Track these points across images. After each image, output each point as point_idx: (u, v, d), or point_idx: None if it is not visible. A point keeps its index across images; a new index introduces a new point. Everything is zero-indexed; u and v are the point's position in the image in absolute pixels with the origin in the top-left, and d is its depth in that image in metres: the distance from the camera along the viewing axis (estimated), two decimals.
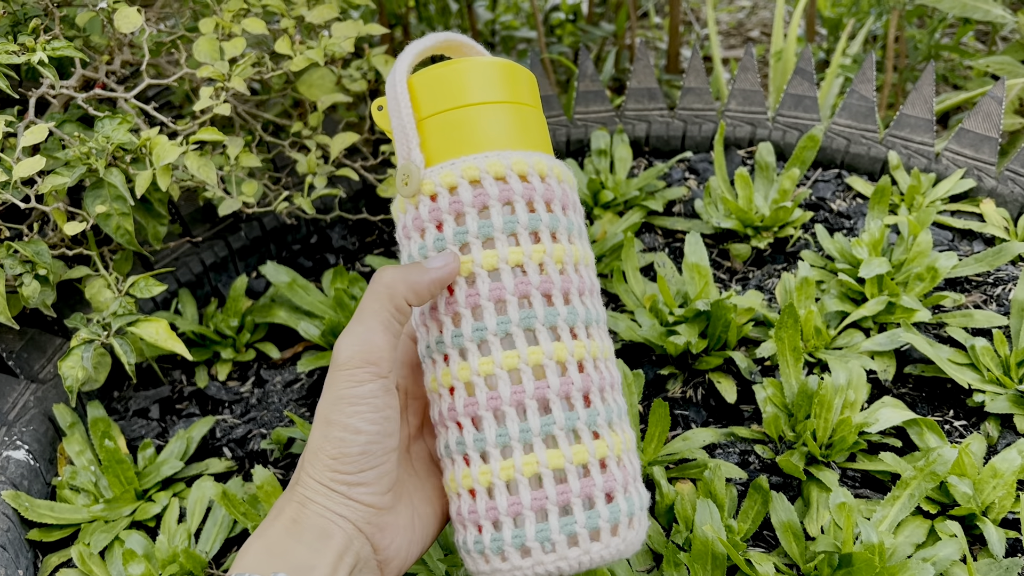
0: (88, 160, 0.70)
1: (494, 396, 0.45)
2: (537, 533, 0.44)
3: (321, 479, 0.44)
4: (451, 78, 0.48)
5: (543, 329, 0.46)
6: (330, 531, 0.44)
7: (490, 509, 0.45)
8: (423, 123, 0.49)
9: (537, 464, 0.45)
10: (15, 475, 0.68)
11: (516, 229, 0.47)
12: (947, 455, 0.62)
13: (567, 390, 0.46)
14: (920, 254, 0.79)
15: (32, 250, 0.70)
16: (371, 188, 0.98)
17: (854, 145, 0.96)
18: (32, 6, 0.77)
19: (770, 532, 0.64)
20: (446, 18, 1.62)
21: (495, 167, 0.47)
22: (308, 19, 0.82)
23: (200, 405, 0.80)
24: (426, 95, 0.48)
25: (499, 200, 0.47)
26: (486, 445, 0.45)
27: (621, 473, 0.46)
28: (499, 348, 0.46)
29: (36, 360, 0.78)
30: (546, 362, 0.46)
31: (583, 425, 0.46)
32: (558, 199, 0.49)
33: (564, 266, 0.48)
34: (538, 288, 0.46)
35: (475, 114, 0.48)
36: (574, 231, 0.49)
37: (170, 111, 1.04)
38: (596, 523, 0.45)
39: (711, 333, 0.74)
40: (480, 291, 0.46)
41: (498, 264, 0.46)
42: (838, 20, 1.58)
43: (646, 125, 1.02)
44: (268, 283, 0.90)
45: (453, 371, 0.46)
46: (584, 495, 0.45)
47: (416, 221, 0.48)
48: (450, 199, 0.47)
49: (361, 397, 0.44)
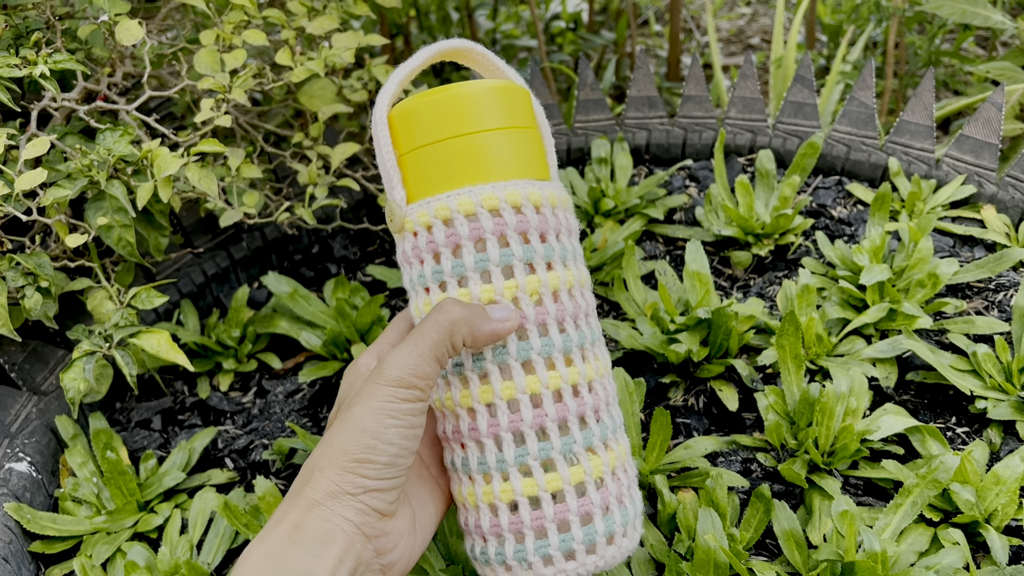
0: (90, 172, 0.70)
1: (495, 423, 0.48)
2: (537, 549, 0.48)
3: (336, 479, 0.44)
4: (426, 111, 0.48)
5: (540, 359, 0.48)
6: (332, 535, 0.44)
7: (514, 522, 0.48)
8: (403, 158, 0.49)
9: (536, 487, 0.48)
10: (17, 487, 0.68)
11: (488, 267, 0.48)
12: (949, 462, 0.61)
13: (564, 415, 0.48)
14: (921, 261, 0.79)
15: (34, 262, 0.70)
16: (372, 198, 0.98)
17: (854, 152, 0.96)
18: (34, 19, 0.77)
19: (772, 541, 0.64)
20: (447, 27, 1.63)
21: (465, 206, 0.47)
22: (309, 30, 0.82)
23: (202, 416, 0.80)
24: (405, 129, 0.49)
25: (470, 239, 0.48)
26: (490, 467, 0.49)
27: (616, 486, 0.49)
28: (521, 374, 0.48)
29: (38, 372, 0.79)
30: (543, 391, 0.48)
31: (580, 448, 0.49)
32: (535, 228, 0.48)
33: (542, 297, 0.49)
34: (533, 321, 0.49)
35: (451, 148, 0.48)
36: (555, 256, 0.49)
37: (171, 123, 1.04)
38: (593, 538, 0.48)
39: (712, 341, 0.74)
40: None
41: (495, 297, 0.48)
42: (838, 27, 1.58)
43: (646, 133, 1.02)
44: (270, 293, 0.91)
45: (495, 388, 0.49)
46: (582, 512, 0.48)
47: (415, 250, 0.50)
48: (427, 238, 0.48)
49: (401, 413, 0.45)
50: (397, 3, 0.88)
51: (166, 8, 0.88)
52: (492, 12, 1.67)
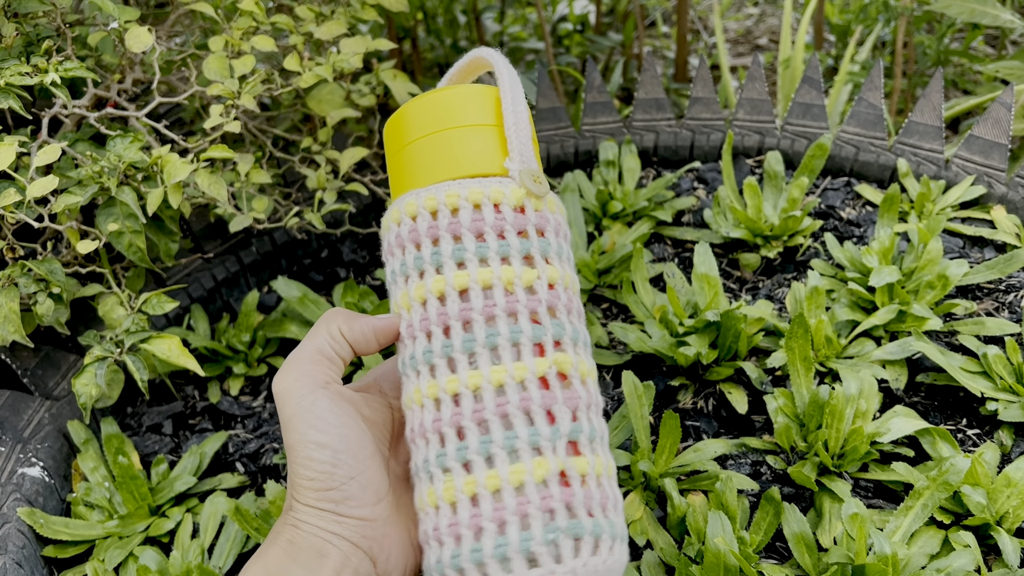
0: (100, 179, 0.71)
1: (457, 413, 0.45)
2: (495, 549, 0.42)
3: (307, 501, 0.45)
4: (408, 114, 0.51)
5: (507, 347, 0.46)
6: (325, 550, 0.44)
7: (474, 517, 0.43)
8: (401, 152, 0.52)
9: (499, 478, 0.43)
10: (30, 492, 0.69)
11: (464, 257, 0.48)
12: (960, 464, 0.61)
13: (527, 406, 0.45)
14: (931, 262, 0.79)
15: (46, 269, 0.71)
16: (381, 202, 0.99)
17: (863, 153, 0.96)
18: (45, 27, 0.78)
19: (782, 544, 0.63)
20: (454, 30, 1.63)
21: (430, 202, 0.49)
22: (317, 35, 0.82)
23: (213, 420, 0.81)
24: (403, 126, 0.52)
25: (428, 236, 0.48)
26: (450, 459, 0.45)
27: (599, 492, 0.45)
28: (466, 367, 0.46)
29: (50, 377, 0.79)
30: (507, 380, 0.45)
31: (546, 441, 0.44)
32: (491, 227, 0.48)
33: (493, 287, 0.47)
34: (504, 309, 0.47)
35: (423, 146, 0.50)
36: (511, 251, 0.48)
37: (181, 128, 1.05)
38: (556, 537, 0.42)
39: (721, 343, 0.74)
40: (450, 311, 0.47)
41: (468, 285, 0.47)
42: (846, 27, 1.58)
43: (654, 135, 1.02)
44: (279, 298, 0.91)
45: (440, 383, 0.46)
46: (545, 508, 0.43)
47: (398, 239, 0.50)
48: (396, 232, 0.50)
49: (307, 409, 0.45)
50: (404, 7, 0.88)
51: (175, 14, 0.88)
52: (499, 15, 1.67)
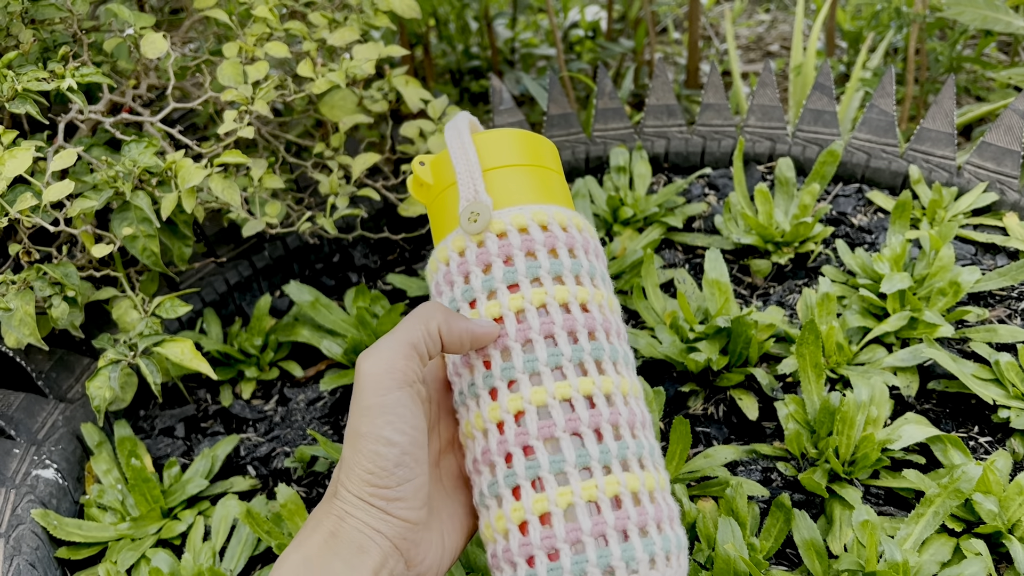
0: (115, 183, 0.71)
1: (523, 432, 0.46)
2: (573, 565, 0.44)
3: (359, 493, 0.44)
4: (506, 141, 0.53)
5: (570, 365, 0.48)
6: (367, 547, 0.44)
7: (523, 545, 0.45)
8: (486, 174, 0.52)
9: (571, 494, 0.45)
10: (44, 494, 0.70)
11: (562, 272, 0.50)
12: (972, 472, 0.61)
13: (597, 422, 0.46)
14: (942, 269, 0.79)
15: (61, 272, 0.71)
16: (392, 207, 0.99)
17: (875, 159, 0.96)
18: (61, 33, 0.79)
19: (793, 550, 0.63)
20: (466, 37, 1.64)
21: (542, 217, 0.51)
22: (330, 42, 0.83)
23: (225, 423, 0.81)
24: (485, 152, 0.52)
25: (544, 246, 0.50)
26: (516, 479, 0.46)
27: (655, 509, 0.46)
28: (527, 386, 0.47)
29: (65, 380, 0.80)
30: (574, 395, 0.47)
31: (595, 461, 0.46)
32: (581, 246, 0.52)
33: (597, 305, 0.50)
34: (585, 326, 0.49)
35: (528, 172, 0.53)
36: (583, 271, 0.51)
37: (195, 134, 1.06)
38: (633, 554, 0.44)
39: (732, 349, 0.74)
40: (514, 332, 0.48)
41: (546, 303, 0.49)
42: (858, 33, 1.57)
43: (665, 141, 1.02)
44: (291, 302, 0.91)
45: (484, 413, 0.48)
46: (618, 528, 0.45)
47: (461, 266, 0.51)
48: (521, 238, 0.50)
49: (390, 406, 0.44)
50: (417, 14, 0.88)
51: (189, 21, 0.89)
52: (511, 21, 1.68)
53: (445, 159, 0.53)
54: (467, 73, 1.65)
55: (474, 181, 0.50)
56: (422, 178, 0.53)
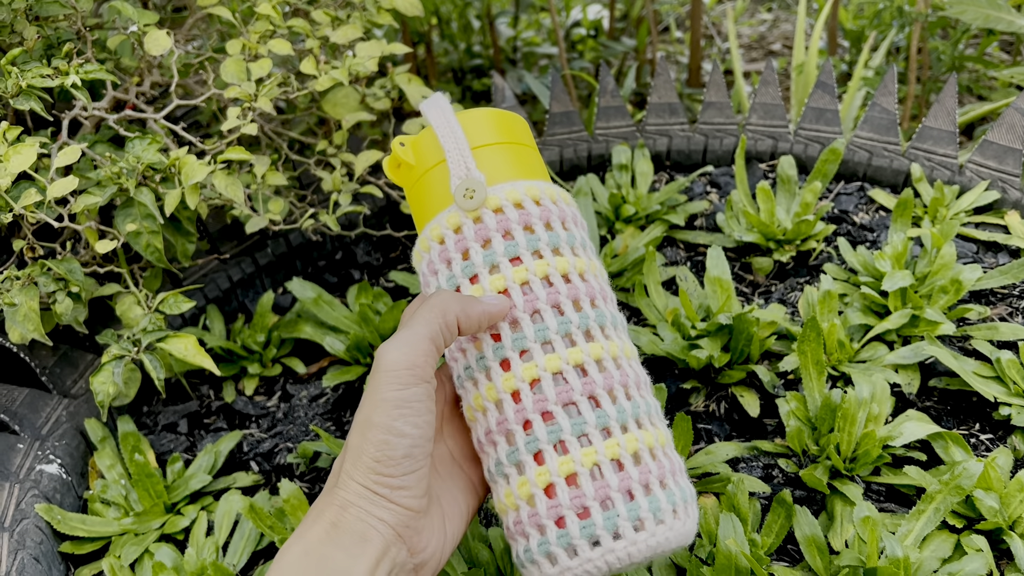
0: (119, 180, 0.72)
1: (541, 399, 0.48)
2: (582, 530, 0.46)
3: (363, 482, 0.45)
4: (495, 120, 0.54)
5: (578, 332, 0.49)
6: (368, 536, 0.44)
7: (552, 507, 0.46)
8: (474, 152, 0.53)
9: (573, 463, 0.46)
10: (48, 489, 0.70)
11: (559, 243, 0.51)
12: (973, 469, 0.61)
13: (591, 389, 0.48)
14: (944, 267, 0.79)
15: (65, 268, 0.71)
16: (395, 205, 0.99)
17: (876, 158, 0.96)
18: (65, 30, 0.79)
19: (794, 546, 0.64)
20: (468, 35, 1.64)
21: (534, 192, 0.52)
22: (332, 39, 0.83)
23: (228, 419, 0.81)
24: (467, 131, 0.53)
25: (540, 219, 0.52)
26: (539, 444, 0.47)
27: (657, 466, 0.48)
28: (540, 353, 0.48)
29: (68, 376, 0.80)
30: (565, 367, 0.48)
31: (614, 422, 0.48)
32: (571, 218, 0.54)
33: (569, 275, 0.51)
34: (586, 294, 0.51)
35: (510, 149, 0.54)
36: (566, 242, 0.53)
37: (198, 131, 1.06)
38: (637, 514, 0.46)
39: (734, 347, 0.74)
40: (522, 303, 0.49)
41: (548, 275, 0.50)
42: (860, 32, 1.58)
43: (667, 140, 1.02)
44: (294, 299, 0.92)
45: (498, 384, 0.49)
46: (623, 488, 0.46)
47: (459, 243, 0.51)
48: (518, 213, 0.51)
49: (406, 400, 0.45)
50: (419, 12, 0.89)
51: (193, 18, 0.89)
52: (513, 20, 1.68)
53: (428, 139, 0.53)
54: (469, 71, 1.65)
55: (464, 158, 0.51)
56: (403, 159, 0.54)
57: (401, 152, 0.53)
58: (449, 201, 0.52)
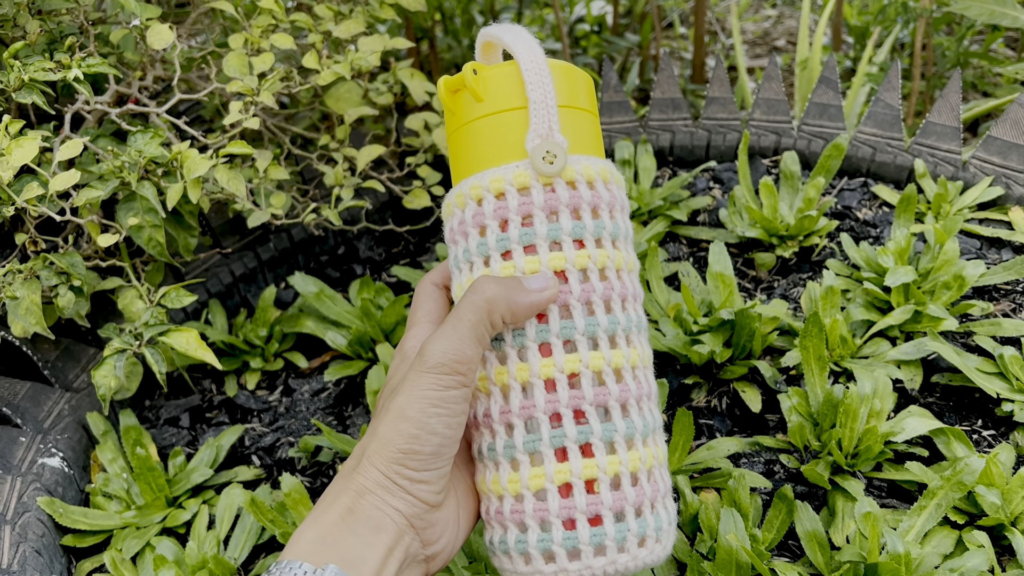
0: (121, 174, 0.72)
1: (533, 403, 0.46)
2: (565, 540, 0.45)
3: (384, 470, 0.44)
4: (576, 79, 0.49)
5: (622, 335, 0.47)
6: (383, 524, 0.44)
7: (539, 510, 0.46)
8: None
9: (570, 473, 0.45)
10: (50, 482, 0.70)
11: (617, 236, 0.48)
12: (975, 465, 0.61)
13: (604, 400, 0.46)
14: (947, 262, 0.79)
15: (67, 262, 0.72)
16: (397, 200, 0.99)
17: (880, 154, 0.96)
18: (68, 24, 0.79)
19: (795, 542, 0.63)
20: (472, 31, 1.64)
21: (606, 174, 0.48)
22: (335, 34, 0.83)
23: (229, 414, 0.81)
24: (563, 86, 0.48)
25: (608, 206, 0.48)
26: (565, 441, 0.46)
27: (651, 488, 0.47)
28: (561, 352, 0.46)
29: (70, 369, 0.80)
30: (583, 370, 0.46)
31: (620, 437, 0.46)
32: (628, 209, 0.51)
33: (620, 271, 0.48)
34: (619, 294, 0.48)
35: (587, 119, 0.49)
36: (624, 236, 0.50)
37: (201, 125, 1.06)
38: (624, 536, 0.45)
39: (736, 342, 0.74)
40: (578, 291, 0.47)
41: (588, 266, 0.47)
42: (864, 28, 1.57)
43: (670, 135, 1.02)
44: (296, 294, 0.92)
45: (534, 367, 0.46)
46: (616, 508, 0.45)
47: (523, 206, 0.47)
48: (590, 194, 0.47)
49: (444, 401, 0.44)
50: (422, 7, 0.88)
51: (196, 12, 0.89)
52: (517, 15, 1.68)
53: (509, 77, 0.47)
54: None
55: (550, 115, 0.46)
56: (471, 87, 0.47)
57: (471, 80, 0.47)
58: (517, 156, 0.47)
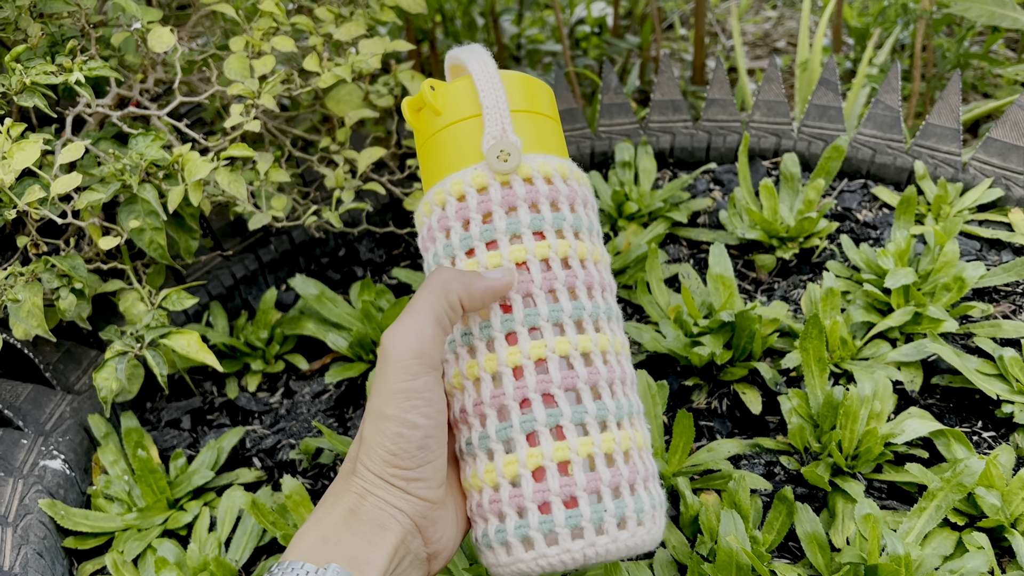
0: (122, 176, 0.72)
1: (503, 391, 0.46)
2: (541, 524, 0.45)
3: (380, 473, 0.44)
4: (534, 87, 0.52)
5: (589, 320, 0.48)
6: (387, 524, 0.44)
7: (514, 496, 0.46)
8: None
9: (542, 456, 0.45)
10: (51, 484, 0.70)
11: (580, 227, 0.50)
12: (975, 466, 0.61)
13: (572, 383, 0.47)
14: (947, 264, 0.79)
15: (68, 264, 0.72)
16: (398, 202, 0.99)
17: (880, 155, 0.96)
18: (69, 27, 0.79)
19: (795, 543, 0.64)
20: (472, 33, 1.64)
21: (564, 170, 0.50)
22: (336, 36, 0.83)
23: (230, 416, 0.82)
24: (515, 95, 0.51)
25: (567, 199, 0.50)
26: (535, 426, 0.46)
27: (629, 470, 0.47)
28: (527, 339, 0.47)
29: (72, 372, 0.80)
30: (550, 355, 0.47)
31: (591, 419, 0.46)
32: (592, 204, 0.52)
33: (584, 261, 0.50)
34: (584, 282, 0.49)
35: (543, 121, 0.52)
36: (587, 228, 0.51)
37: (201, 128, 1.06)
38: (602, 516, 0.45)
39: (736, 344, 0.74)
40: (540, 280, 0.48)
41: (551, 257, 0.49)
42: (865, 30, 1.57)
43: (670, 137, 1.02)
44: (297, 296, 0.92)
45: (502, 356, 0.47)
46: (590, 489, 0.45)
47: (482, 204, 0.49)
48: (548, 188, 0.49)
49: (416, 390, 0.44)
50: (423, 9, 0.89)
51: (196, 15, 0.89)
52: (517, 17, 1.68)
53: (463, 89, 0.50)
54: None
55: (503, 118, 0.49)
56: (430, 103, 0.50)
57: (429, 96, 0.50)
58: (475, 159, 0.49)
